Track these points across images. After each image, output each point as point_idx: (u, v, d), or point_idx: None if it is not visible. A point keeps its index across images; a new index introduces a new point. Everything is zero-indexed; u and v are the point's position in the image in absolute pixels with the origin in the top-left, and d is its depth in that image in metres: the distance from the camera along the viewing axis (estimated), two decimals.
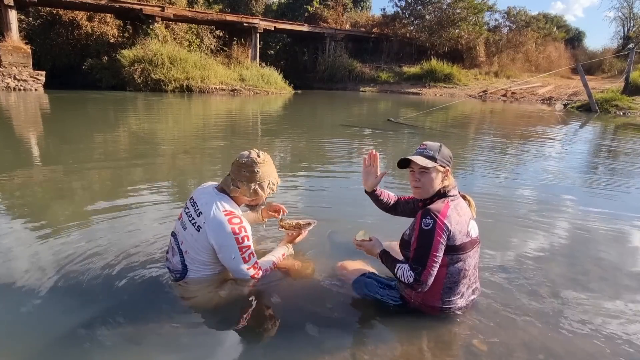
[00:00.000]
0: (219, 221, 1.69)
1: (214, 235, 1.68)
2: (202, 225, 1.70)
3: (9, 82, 13.67)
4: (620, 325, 1.72)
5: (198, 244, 1.72)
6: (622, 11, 29.63)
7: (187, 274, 1.78)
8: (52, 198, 3.23)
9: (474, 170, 4.69)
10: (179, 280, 1.80)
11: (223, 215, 1.70)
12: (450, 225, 1.53)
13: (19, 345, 1.51)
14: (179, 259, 1.78)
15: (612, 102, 13.68)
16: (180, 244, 1.78)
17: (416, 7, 24.34)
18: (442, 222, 1.52)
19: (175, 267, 1.81)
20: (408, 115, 10.29)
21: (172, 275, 1.84)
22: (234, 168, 1.77)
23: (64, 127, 7.42)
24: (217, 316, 1.70)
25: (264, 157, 1.79)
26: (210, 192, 1.78)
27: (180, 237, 1.78)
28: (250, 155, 1.76)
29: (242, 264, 1.72)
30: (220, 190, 1.79)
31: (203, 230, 1.70)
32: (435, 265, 1.53)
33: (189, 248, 1.75)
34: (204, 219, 1.70)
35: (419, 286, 1.56)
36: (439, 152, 1.65)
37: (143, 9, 16.57)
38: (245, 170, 1.74)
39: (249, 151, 1.79)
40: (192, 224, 1.73)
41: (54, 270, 1.98)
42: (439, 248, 1.52)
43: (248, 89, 16.78)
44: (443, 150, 1.66)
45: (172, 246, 1.84)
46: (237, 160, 1.78)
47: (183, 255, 1.77)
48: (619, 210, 3.30)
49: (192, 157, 4.95)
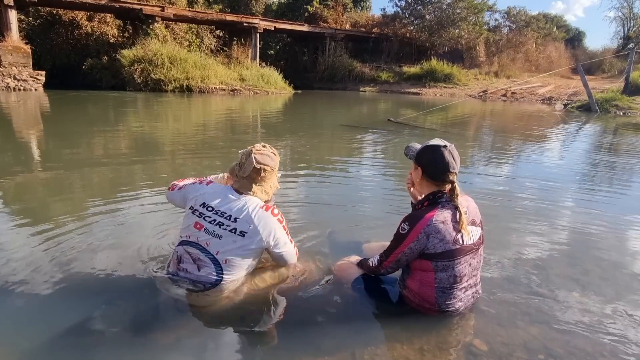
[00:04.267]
0: (266, 219, 1.72)
1: (269, 234, 1.72)
2: (247, 230, 1.69)
3: (8, 82, 13.66)
4: (620, 325, 1.72)
5: (244, 250, 1.71)
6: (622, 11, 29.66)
7: (222, 281, 1.72)
8: (52, 198, 3.22)
9: (474, 170, 4.69)
10: (207, 290, 1.73)
11: (264, 211, 1.72)
12: (427, 235, 1.54)
13: (18, 346, 1.51)
14: (211, 269, 1.71)
15: (612, 102, 13.69)
16: (215, 254, 1.70)
17: (416, 7, 24.31)
18: (418, 231, 1.55)
19: (202, 278, 1.72)
20: (408, 115, 10.29)
21: (194, 286, 1.74)
22: (252, 172, 1.73)
23: (64, 127, 7.41)
24: (216, 316, 1.69)
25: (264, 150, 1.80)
26: (230, 195, 1.74)
27: (214, 247, 1.70)
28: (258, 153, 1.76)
29: (292, 246, 1.85)
30: (239, 193, 1.75)
31: (251, 234, 1.69)
32: (397, 261, 1.64)
33: (232, 256, 1.70)
34: (247, 224, 1.69)
35: (379, 268, 1.73)
36: (421, 148, 1.67)
37: (143, 8, 16.56)
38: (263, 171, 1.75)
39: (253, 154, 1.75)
40: (231, 231, 1.69)
41: (54, 271, 1.98)
42: (405, 252, 1.60)
43: (248, 89, 16.77)
44: (426, 148, 1.65)
45: (193, 258, 1.73)
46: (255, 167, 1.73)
47: (221, 265, 1.70)
48: (619, 210, 3.30)
49: (192, 157, 4.95)
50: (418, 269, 1.65)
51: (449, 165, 1.59)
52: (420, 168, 1.65)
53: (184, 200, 1.84)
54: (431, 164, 1.61)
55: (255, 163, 1.72)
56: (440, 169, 1.60)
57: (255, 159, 1.72)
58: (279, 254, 1.82)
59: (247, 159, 1.73)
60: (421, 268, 1.63)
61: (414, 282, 1.67)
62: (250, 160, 1.72)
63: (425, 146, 1.66)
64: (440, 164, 1.59)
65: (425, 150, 1.65)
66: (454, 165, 1.60)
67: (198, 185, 1.83)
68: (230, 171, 1.82)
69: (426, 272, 1.62)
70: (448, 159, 1.59)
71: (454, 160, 1.61)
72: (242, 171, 1.75)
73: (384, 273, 1.75)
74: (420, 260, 1.61)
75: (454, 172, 1.61)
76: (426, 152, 1.64)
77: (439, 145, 1.62)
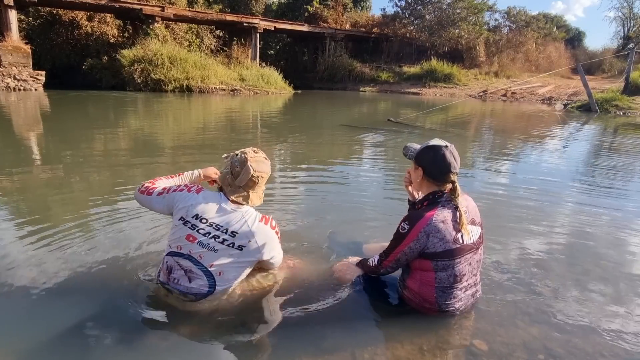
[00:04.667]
0: (266, 233, 1.69)
1: (266, 247, 1.70)
2: (246, 244, 1.65)
3: (8, 82, 13.67)
4: (620, 326, 1.72)
5: (240, 262, 1.69)
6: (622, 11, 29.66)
7: (213, 292, 1.70)
8: (52, 198, 3.22)
9: (474, 170, 4.69)
10: (199, 300, 1.70)
11: (264, 225, 1.69)
12: (427, 234, 1.55)
13: (17, 346, 1.51)
14: (203, 281, 1.67)
15: (612, 102, 13.68)
16: (209, 267, 1.66)
17: (416, 7, 24.32)
18: (418, 230, 1.56)
19: (193, 290, 1.69)
20: (408, 115, 10.29)
21: (186, 297, 1.70)
22: (250, 182, 1.69)
23: (64, 127, 7.41)
24: (216, 317, 1.69)
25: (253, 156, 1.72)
26: (225, 206, 1.68)
27: (208, 260, 1.65)
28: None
29: (281, 251, 1.83)
30: (233, 201, 1.70)
31: (250, 248, 1.66)
32: (396, 260, 1.65)
33: (226, 269, 1.68)
34: (247, 239, 1.65)
35: (379, 268, 1.73)
36: (421, 149, 1.66)
37: (143, 8, 16.56)
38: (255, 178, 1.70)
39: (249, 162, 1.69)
40: (228, 245, 1.64)
41: (54, 271, 1.98)
42: (405, 251, 1.60)
43: (248, 89, 16.78)
44: (426, 148, 1.64)
45: (184, 269, 1.68)
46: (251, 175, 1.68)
47: (214, 277, 1.67)
48: (619, 210, 3.31)
49: (193, 157, 4.95)
50: (418, 268, 1.65)
51: (450, 165, 1.59)
52: (421, 168, 1.65)
53: (170, 208, 1.73)
54: (432, 165, 1.61)
55: (253, 171, 1.66)
56: (441, 170, 1.60)
57: (252, 168, 1.66)
58: (270, 262, 1.79)
59: (243, 168, 1.66)
60: (421, 268, 1.63)
61: (414, 282, 1.67)
62: (247, 169, 1.66)
63: (425, 147, 1.65)
64: (441, 165, 1.60)
65: (426, 151, 1.65)
66: (455, 166, 1.61)
67: (187, 193, 1.71)
68: (222, 180, 1.73)
69: (426, 272, 1.62)
70: (449, 160, 1.59)
71: (454, 160, 1.61)
72: (237, 180, 1.67)
73: (383, 273, 1.75)
74: (420, 260, 1.62)
75: (455, 172, 1.61)
76: (427, 152, 1.64)
77: (440, 145, 1.62)
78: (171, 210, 1.72)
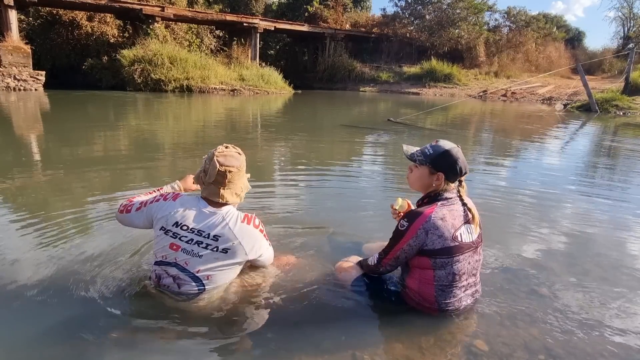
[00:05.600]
0: (249, 233, 1.67)
1: (252, 247, 1.69)
2: (230, 247, 1.64)
3: (9, 82, 13.67)
4: (620, 326, 1.72)
5: (227, 265, 1.68)
6: (622, 11, 29.60)
7: (204, 292, 1.70)
8: (53, 198, 3.22)
9: (474, 170, 4.69)
10: (192, 298, 1.70)
11: (246, 225, 1.67)
12: (425, 231, 1.57)
13: (12, 345, 1.51)
14: (191, 286, 1.68)
15: (612, 102, 13.68)
16: (195, 273, 1.65)
17: (416, 7, 24.33)
18: (417, 227, 1.58)
19: (183, 293, 1.70)
20: (408, 115, 10.29)
21: (177, 297, 1.71)
22: (236, 179, 1.68)
23: (64, 127, 7.41)
24: (215, 317, 1.69)
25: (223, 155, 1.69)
26: (204, 210, 1.66)
27: (194, 266, 1.65)
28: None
29: (270, 249, 1.83)
30: (210, 202, 1.68)
31: (234, 250, 1.65)
32: (396, 258, 1.66)
33: (213, 272, 1.67)
34: (230, 241, 1.63)
35: (379, 267, 1.74)
36: (437, 154, 1.65)
37: (143, 9, 16.56)
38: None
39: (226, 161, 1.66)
40: (212, 250, 1.64)
41: (49, 270, 1.98)
42: (404, 249, 1.62)
43: (248, 89, 16.78)
44: (444, 154, 1.64)
45: (172, 277, 1.68)
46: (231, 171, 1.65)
47: (202, 281, 1.67)
48: (619, 210, 3.31)
49: (193, 157, 4.95)
50: (417, 266, 1.65)
51: (465, 167, 1.66)
52: (441, 173, 1.65)
53: (150, 221, 1.71)
54: (452, 169, 1.64)
55: (219, 166, 1.62)
56: (459, 172, 1.65)
57: (219, 162, 1.63)
58: (259, 260, 1.79)
59: (210, 163, 1.64)
60: (420, 266, 1.64)
61: (413, 281, 1.68)
62: (214, 164, 1.63)
63: (442, 152, 1.65)
64: (459, 168, 1.64)
65: (443, 157, 1.65)
66: (467, 166, 1.68)
67: (163, 202, 1.69)
68: (197, 179, 1.72)
69: (425, 270, 1.63)
70: (464, 161, 1.65)
71: (465, 160, 1.68)
72: (207, 177, 1.64)
73: (383, 271, 1.76)
74: (418, 258, 1.62)
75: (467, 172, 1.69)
76: (444, 158, 1.65)
77: (453, 148, 1.65)
78: (151, 222, 1.71)
